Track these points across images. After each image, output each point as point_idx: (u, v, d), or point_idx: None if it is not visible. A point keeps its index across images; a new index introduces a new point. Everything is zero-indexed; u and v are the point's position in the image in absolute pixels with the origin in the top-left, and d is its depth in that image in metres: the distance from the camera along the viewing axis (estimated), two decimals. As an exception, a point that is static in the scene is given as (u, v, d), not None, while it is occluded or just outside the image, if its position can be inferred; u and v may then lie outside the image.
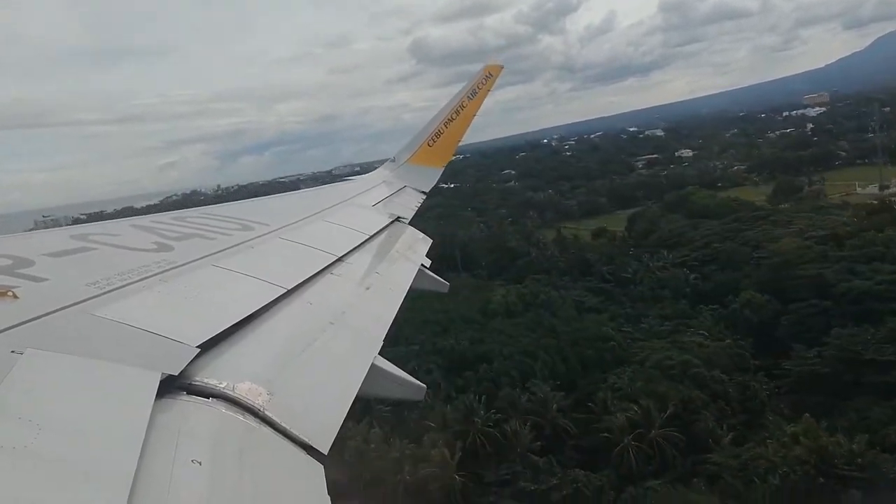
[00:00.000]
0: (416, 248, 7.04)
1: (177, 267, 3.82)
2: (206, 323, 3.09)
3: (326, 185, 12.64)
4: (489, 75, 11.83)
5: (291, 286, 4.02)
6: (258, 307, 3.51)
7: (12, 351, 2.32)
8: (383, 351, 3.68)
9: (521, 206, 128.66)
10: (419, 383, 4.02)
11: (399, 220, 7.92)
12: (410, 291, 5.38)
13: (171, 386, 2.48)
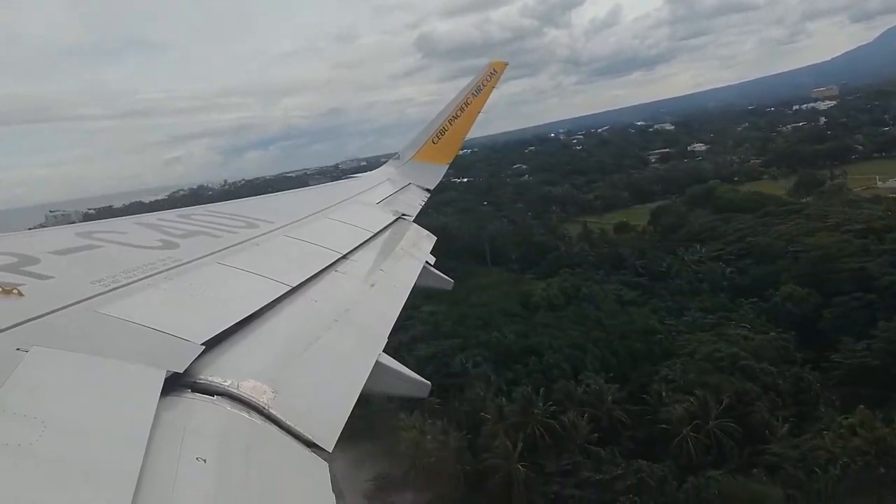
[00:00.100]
0: (420, 246, 7.07)
1: (182, 265, 3.82)
2: (210, 320, 3.10)
3: (332, 181, 12.68)
4: (493, 72, 11.89)
5: (296, 284, 4.05)
6: (263, 305, 3.53)
7: (17, 348, 2.32)
8: (388, 348, 3.72)
9: (539, 201, 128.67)
10: (423, 380, 4.08)
11: (403, 217, 7.98)
12: (417, 289, 5.41)
13: (176, 384, 2.49)
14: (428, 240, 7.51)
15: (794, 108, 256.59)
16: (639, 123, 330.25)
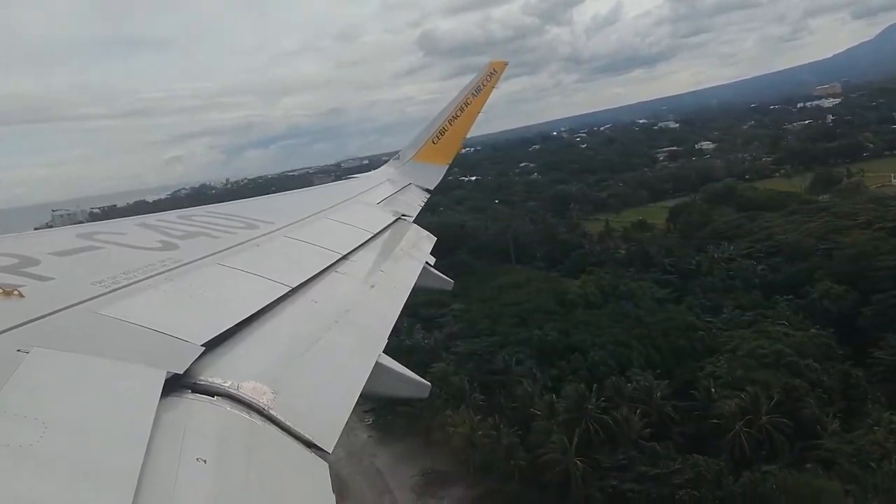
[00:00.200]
0: (420, 246, 7.05)
1: (182, 265, 3.83)
2: (210, 321, 3.11)
3: (336, 179, 12.69)
4: (493, 72, 11.88)
5: (296, 284, 4.05)
6: (263, 305, 3.54)
7: (18, 349, 2.32)
8: (388, 348, 3.76)
9: (553, 200, 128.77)
10: (424, 381, 4.11)
11: (403, 217, 7.97)
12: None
13: (177, 384, 2.50)
14: (428, 240, 7.50)
15: (799, 105, 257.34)
16: (641, 121, 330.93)
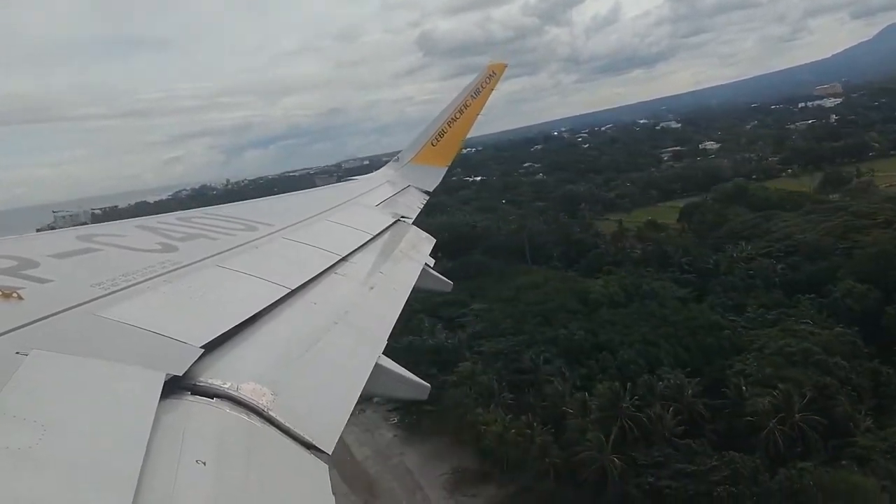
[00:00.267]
0: (419, 248, 7.08)
1: (181, 267, 3.83)
2: (210, 323, 3.11)
3: (338, 180, 12.71)
4: (493, 73, 11.87)
5: (295, 286, 4.06)
6: (262, 307, 3.55)
7: (17, 352, 2.32)
8: (388, 350, 3.78)
9: (561, 200, 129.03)
10: (423, 382, 4.11)
11: (403, 219, 7.99)
12: (415, 291, 5.47)
13: (176, 386, 2.50)
14: (427, 242, 7.53)
15: (800, 105, 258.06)
16: (642, 121, 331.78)
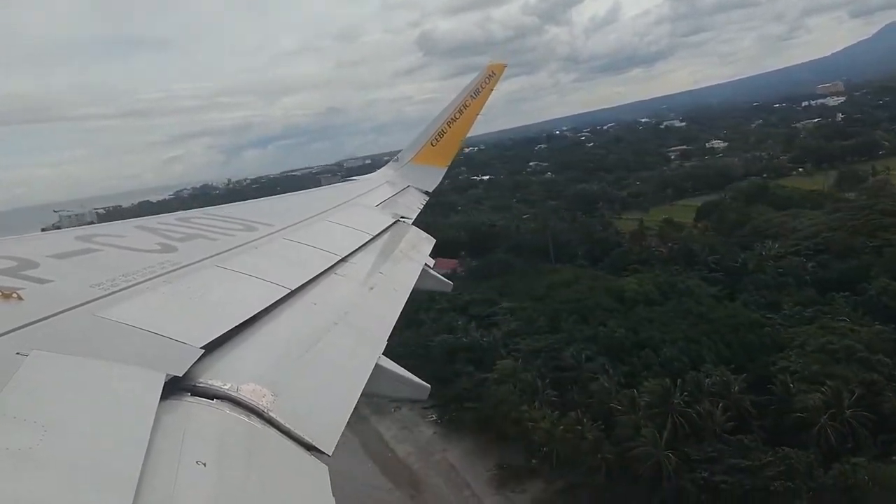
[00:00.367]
0: (419, 248, 7.11)
1: (181, 268, 3.84)
2: (210, 324, 3.12)
3: (342, 179, 12.78)
4: (492, 74, 11.90)
5: (295, 287, 4.08)
6: (262, 308, 3.56)
7: (17, 352, 2.32)
8: (387, 350, 3.81)
9: (575, 199, 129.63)
10: (423, 383, 4.13)
11: (403, 219, 8.03)
12: (415, 291, 5.50)
13: (176, 387, 2.50)
14: (427, 242, 7.56)
15: (804, 104, 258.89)
16: (643, 120, 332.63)
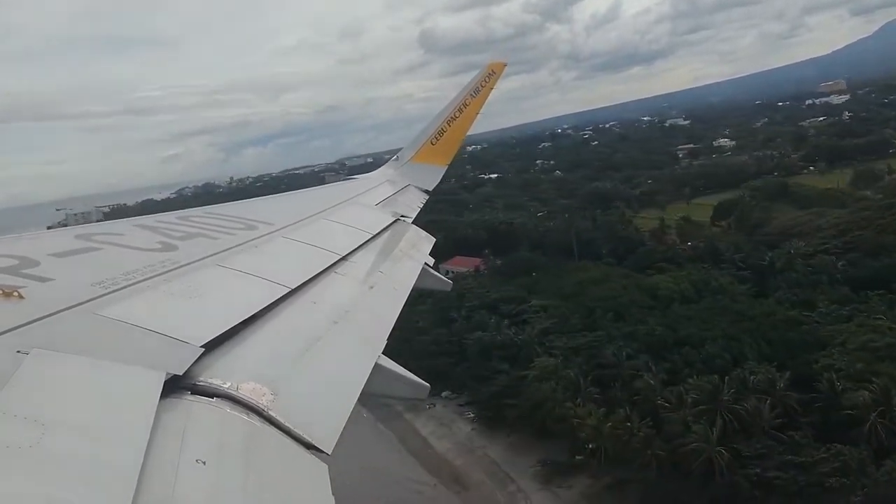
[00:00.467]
0: (419, 247, 7.11)
1: (181, 267, 3.85)
2: (210, 323, 3.13)
3: (345, 178, 12.79)
4: (492, 73, 11.91)
5: (295, 285, 4.09)
6: (262, 307, 3.58)
7: (18, 351, 2.32)
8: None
9: (588, 197, 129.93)
10: (422, 382, 4.13)
11: (403, 218, 8.05)
12: (417, 290, 5.54)
13: (176, 386, 2.51)
14: (427, 241, 7.57)
15: (807, 102, 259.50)
16: (645, 118, 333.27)
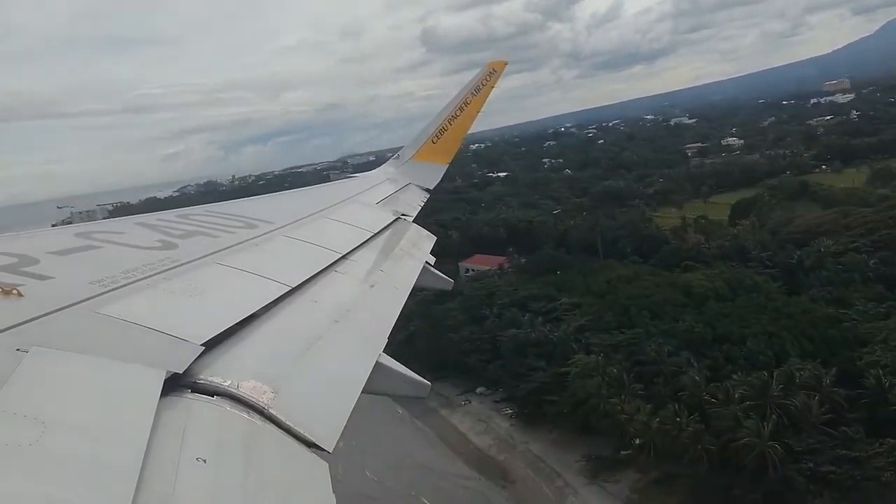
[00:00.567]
0: (420, 246, 7.12)
1: (181, 265, 3.84)
2: (210, 321, 3.13)
3: (351, 175, 12.85)
4: (493, 71, 11.92)
5: (296, 284, 4.09)
6: (262, 305, 3.57)
7: (17, 349, 2.32)
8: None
9: (602, 195, 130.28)
10: (423, 381, 4.16)
11: (403, 217, 8.08)
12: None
13: (176, 384, 2.50)
14: (428, 239, 7.58)
15: (812, 101, 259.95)
16: (648, 117, 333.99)
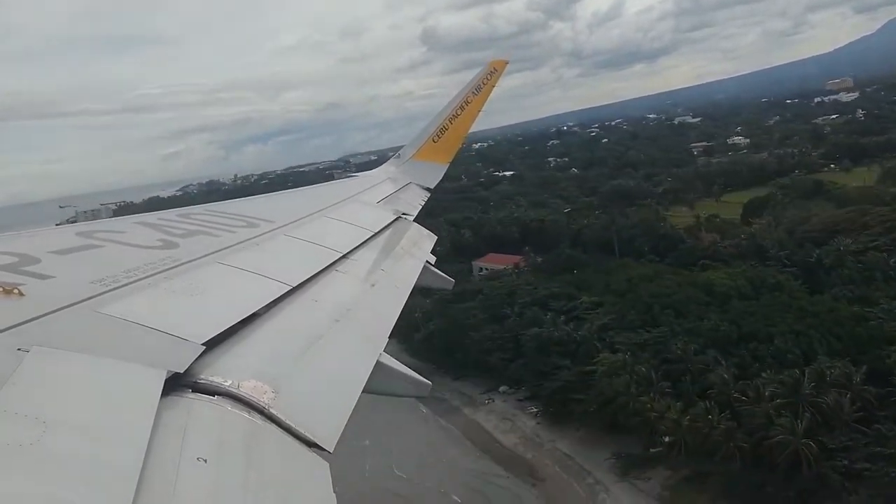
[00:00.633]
0: (421, 245, 7.12)
1: (182, 264, 3.85)
2: (211, 320, 3.12)
3: (353, 174, 12.83)
4: (494, 70, 11.91)
5: (296, 283, 4.09)
6: (263, 304, 3.58)
7: (18, 349, 2.32)
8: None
9: (611, 194, 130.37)
10: (424, 380, 4.18)
11: (404, 216, 8.07)
12: (419, 288, 5.62)
13: (177, 384, 2.50)
14: (429, 239, 7.60)
15: (816, 100, 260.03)
16: (651, 116, 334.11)
